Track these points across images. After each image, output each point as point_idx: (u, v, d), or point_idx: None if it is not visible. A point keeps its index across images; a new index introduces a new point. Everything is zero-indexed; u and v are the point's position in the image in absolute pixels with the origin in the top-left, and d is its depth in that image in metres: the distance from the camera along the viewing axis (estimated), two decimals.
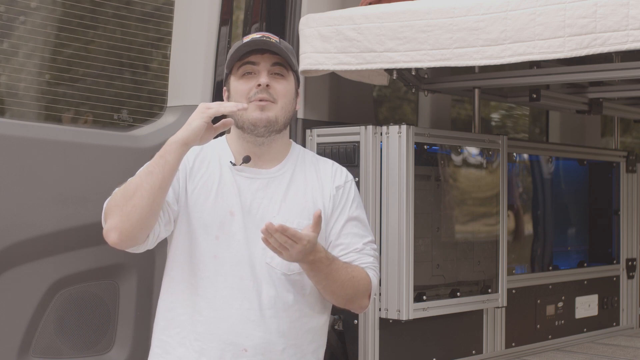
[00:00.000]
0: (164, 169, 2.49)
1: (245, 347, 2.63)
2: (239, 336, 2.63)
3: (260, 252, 2.65)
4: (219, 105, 2.54)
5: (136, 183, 2.50)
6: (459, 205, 3.37)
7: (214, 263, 2.65)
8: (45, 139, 2.88)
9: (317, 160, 2.86)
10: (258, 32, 2.83)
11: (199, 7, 3.25)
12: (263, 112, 2.67)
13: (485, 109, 5.45)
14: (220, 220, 2.66)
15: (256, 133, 2.70)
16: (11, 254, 2.79)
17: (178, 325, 2.67)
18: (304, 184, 2.76)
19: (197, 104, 3.19)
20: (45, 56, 3.24)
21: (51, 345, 2.92)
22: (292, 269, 2.67)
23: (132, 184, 2.52)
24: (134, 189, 2.49)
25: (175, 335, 2.67)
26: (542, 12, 2.72)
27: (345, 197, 2.79)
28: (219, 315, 2.63)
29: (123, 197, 2.51)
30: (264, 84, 2.66)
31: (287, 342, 2.68)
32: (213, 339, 2.63)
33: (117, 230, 2.50)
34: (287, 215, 2.69)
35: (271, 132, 2.71)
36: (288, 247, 2.46)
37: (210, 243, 2.66)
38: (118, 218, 2.50)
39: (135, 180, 2.52)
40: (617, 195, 4.34)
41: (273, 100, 2.68)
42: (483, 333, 3.58)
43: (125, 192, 2.51)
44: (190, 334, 2.65)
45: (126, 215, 2.49)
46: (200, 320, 2.64)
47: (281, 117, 2.70)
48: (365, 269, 2.72)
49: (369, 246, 2.78)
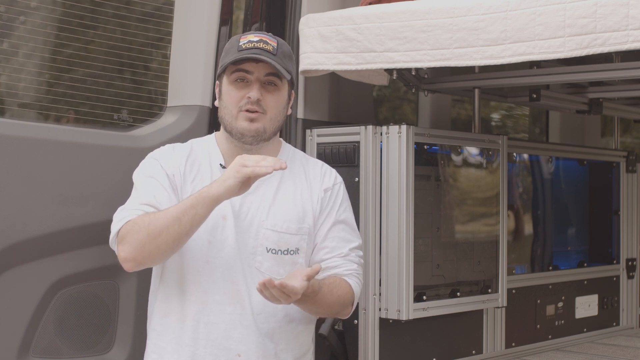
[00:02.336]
0: (193, 219, 2.48)
1: (238, 352, 2.63)
2: (231, 341, 2.62)
3: (249, 257, 2.65)
4: (255, 164, 2.45)
5: (162, 225, 2.47)
6: (459, 205, 3.37)
7: (205, 268, 2.64)
8: (45, 139, 2.88)
9: (306, 162, 2.84)
10: (257, 32, 2.81)
11: (199, 7, 3.25)
12: (252, 124, 2.66)
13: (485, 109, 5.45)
14: (212, 225, 2.64)
15: (244, 141, 2.69)
16: (11, 254, 2.79)
17: (173, 331, 2.66)
18: (293, 187, 2.75)
19: (197, 104, 3.22)
20: (45, 56, 3.23)
21: (51, 345, 2.92)
22: (281, 273, 2.66)
23: (158, 224, 2.48)
24: (160, 230, 2.47)
25: (170, 341, 2.66)
26: (542, 12, 2.72)
27: (333, 199, 2.78)
28: (212, 320, 2.62)
29: (147, 234, 2.48)
30: (254, 98, 2.65)
31: (278, 346, 2.68)
32: (206, 344, 2.63)
33: (135, 261, 2.53)
34: (275, 219, 2.68)
35: (259, 141, 2.70)
36: (283, 300, 2.45)
37: (203, 248, 2.64)
38: (138, 252, 2.51)
39: (162, 222, 2.48)
40: (617, 195, 4.34)
41: (263, 111, 2.67)
42: (483, 333, 3.58)
43: (150, 230, 2.48)
44: (183, 339, 2.64)
45: (147, 253, 2.51)
46: (193, 326, 2.64)
47: (270, 128, 2.69)
48: (348, 277, 2.72)
49: (354, 252, 2.77)
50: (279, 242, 2.66)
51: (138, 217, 2.54)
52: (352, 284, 2.72)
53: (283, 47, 2.73)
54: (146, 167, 2.72)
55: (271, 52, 2.66)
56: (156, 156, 2.73)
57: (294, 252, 2.69)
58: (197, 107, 3.22)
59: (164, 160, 2.70)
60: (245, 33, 2.81)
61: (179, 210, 2.48)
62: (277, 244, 2.66)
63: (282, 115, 2.74)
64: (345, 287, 2.70)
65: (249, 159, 2.47)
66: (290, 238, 2.68)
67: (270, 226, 2.66)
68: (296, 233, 2.69)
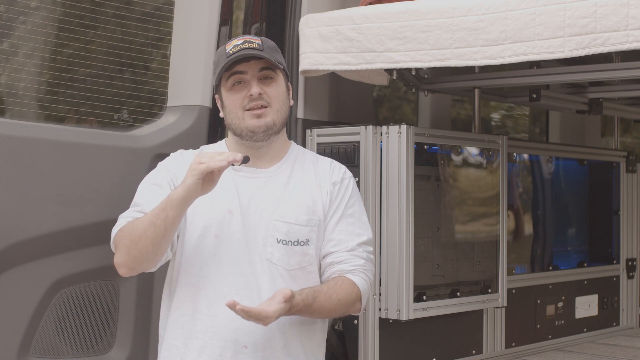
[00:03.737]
0: (166, 222, 2.53)
1: (245, 343, 2.64)
2: (238, 333, 2.63)
3: (260, 249, 2.66)
4: (210, 160, 2.48)
5: (141, 230, 2.55)
6: (459, 205, 3.37)
7: (213, 261, 2.66)
8: (45, 139, 2.88)
9: (316, 159, 2.86)
10: (239, 36, 2.83)
11: (199, 7, 3.25)
12: (260, 119, 2.69)
13: (485, 109, 5.45)
14: (219, 220, 2.67)
15: (255, 139, 2.72)
16: (11, 254, 2.79)
17: (181, 326, 2.68)
18: (302, 181, 2.77)
19: (197, 104, 3.22)
20: (45, 56, 3.23)
21: (51, 345, 2.92)
22: (292, 264, 2.68)
23: (138, 228, 2.56)
24: (140, 235, 2.55)
25: (179, 336, 2.68)
26: (542, 12, 2.72)
27: (342, 193, 2.78)
28: (219, 313, 2.63)
29: (130, 239, 2.57)
30: (256, 93, 2.68)
31: (287, 338, 2.68)
32: (213, 336, 2.64)
33: (126, 267, 2.61)
34: (283, 212, 2.70)
35: (270, 136, 2.73)
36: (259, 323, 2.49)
37: (210, 242, 2.67)
38: (126, 257, 2.59)
39: (141, 227, 2.55)
40: (617, 195, 4.34)
41: (267, 104, 2.70)
42: (483, 333, 3.58)
43: (132, 236, 2.56)
44: (191, 332, 2.66)
45: (133, 257, 2.58)
46: (201, 319, 2.65)
47: (278, 119, 2.73)
48: (352, 274, 2.71)
49: (362, 247, 2.76)
50: (288, 233, 2.68)
51: (127, 224, 2.62)
52: (357, 281, 2.71)
53: (268, 42, 2.76)
54: (153, 174, 2.77)
55: (258, 48, 2.70)
56: (165, 163, 2.79)
57: (304, 243, 2.70)
58: (197, 107, 3.22)
59: (171, 165, 2.76)
60: (229, 40, 2.83)
61: (153, 214, 2.55)
62: (287, 234, 2.68)
63: (286, 105, 2.77)
64: (347, 287, 2.70)
65: (204, 156, 2.50)
66: (300, 229, 2.70)
67: (279, 217, 2.68)
68: (306, 224, 2.71)
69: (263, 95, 2.69)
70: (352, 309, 2.74)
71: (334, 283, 2.70)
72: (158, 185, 2.70)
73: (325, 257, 2.74)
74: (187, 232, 2.69)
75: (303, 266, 2.68)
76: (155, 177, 2.74)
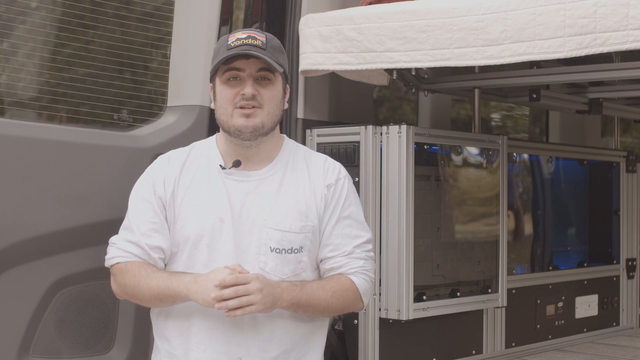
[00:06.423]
0: (173, 303, 2.63)
1: (239, 355, 2.62)
2: (232, 345, 2.61)
3: (252, 258, 2.63)
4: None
5: (144, 296, 2.64)
6: (459, 205, 3.37)
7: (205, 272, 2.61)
8: (45, 139, 2.88)
9: (309, 156, 2.80)
10: (245, 29, 2.79)
11: (199, 7, 3.25)
12: (249, 119, 2.63)
13: (485, 109, 5.45)
14: (210, 228, 2.63)
15: (242, 138, 2.66)
16: (11, 254, 2.79)
17: (179, 337, 2.67)
18: (295, 185, 2.71)
19: (197, 104, 3.22)
20: (45, 56, 3.23)
21: (51, 345, 2.92)
22: (286, 272, 2.65)
23: (141, 292, 2.65)
24: (142, 298, 2.66)
25: (177, 346, 2.66)
26: (542, 12, 2.72)
27: (337, 195, 2.73)
28: (211, 325, 2.61)
29: (132, 295, 2.66)
30: (248, 94, 2.62)
31: (281, 348, 2.65)
32: (207, 348, 2.62)
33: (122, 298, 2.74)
34: (277, 219, 2.65)
35: (258, 136, 2.67)
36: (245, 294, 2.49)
37: (201, 252, 2.64)
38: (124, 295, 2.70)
39: (144, 293, 2.63)
40: (617, 195, 4.34)
41: (259, 105, 2.64)
42: (483, 333, 3.58)
43: (134, 292, 2.66)
44: (187, 344, 2.64)
45: (132, 299, 2.70)
46: (194, 331, 2.63)
47: (267, 122, 2.66)
48: (352, 275, 2.69)
49: (360, 248, 2.73)
50: (282, 241, 2.64)
51: (128, 266, 2.65)
52: (356, 281, 2.68)
53: (272, 41, 2.69)
54: (142, 186, 2.72)
55: (260, 46, 2.63)
56: (151, 173, 2.74)
57: (297, 250, 2.66)
58: (197, 107, 3.22)
59: (157, 178, 2.71)
60: (233, 32, 2.77)
61: (160, 291, 2.60)
62: (280, 243, 2.64)
63: (279, 109, 2.71)
64: (343, 282, 2.66)
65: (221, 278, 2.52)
66: (294, 237, 2.66)
67: (272, 225, 2.64)
68: (300, 231, 2.66)
69: (256, 97, 2.63)
70: (353, 307, 2.72)
71: (329, 278, 2.69)
72: (147, 201, 2.67)
73: (324, 262, 2.71)
74: (179, 243, 2.66)
75: (297, 273, 2.66)
76: (143, 190, 2.70)
